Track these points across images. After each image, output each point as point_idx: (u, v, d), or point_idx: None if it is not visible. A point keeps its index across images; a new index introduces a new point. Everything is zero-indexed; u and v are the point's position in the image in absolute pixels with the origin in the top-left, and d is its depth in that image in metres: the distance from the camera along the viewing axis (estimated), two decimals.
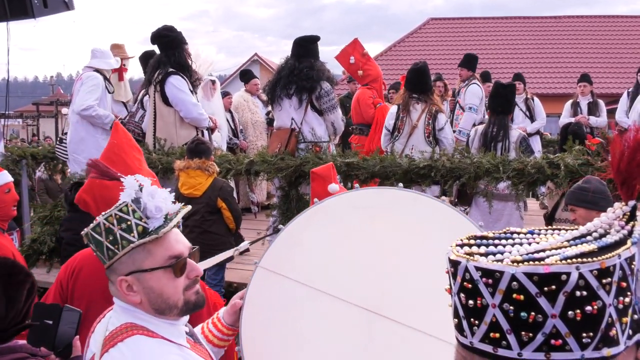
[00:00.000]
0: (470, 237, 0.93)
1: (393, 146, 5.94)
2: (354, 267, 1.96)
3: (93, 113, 6.14)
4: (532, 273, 0.78)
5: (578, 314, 0.78)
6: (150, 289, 1.59)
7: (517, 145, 5.15)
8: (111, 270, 1.61)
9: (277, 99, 5.71)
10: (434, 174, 4.64)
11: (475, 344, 0.85)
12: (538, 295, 0.78)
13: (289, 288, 1.94)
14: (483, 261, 0.82)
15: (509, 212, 5.15)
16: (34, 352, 2.08)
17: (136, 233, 1.56)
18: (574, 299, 0.77)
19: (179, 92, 5.85)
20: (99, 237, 1.59)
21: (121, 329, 1.57)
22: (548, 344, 0.79)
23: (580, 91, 9.02)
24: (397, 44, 24.86)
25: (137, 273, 1.58)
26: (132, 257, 1.57)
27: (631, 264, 0.80)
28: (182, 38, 6.10)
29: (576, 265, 0.77)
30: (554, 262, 0.78)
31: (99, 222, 1.59)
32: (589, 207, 3.77)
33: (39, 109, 27.08)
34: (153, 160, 5.54)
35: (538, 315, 0.79)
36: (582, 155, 4.32)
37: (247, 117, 8.52)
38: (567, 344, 0.78)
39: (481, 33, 24.87)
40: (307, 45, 5.74)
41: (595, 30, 24.20)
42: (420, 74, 6.03)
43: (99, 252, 1.60)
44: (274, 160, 5.10)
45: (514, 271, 0.79)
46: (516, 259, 0.81)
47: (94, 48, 6.55)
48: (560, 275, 0.77)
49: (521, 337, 0.80)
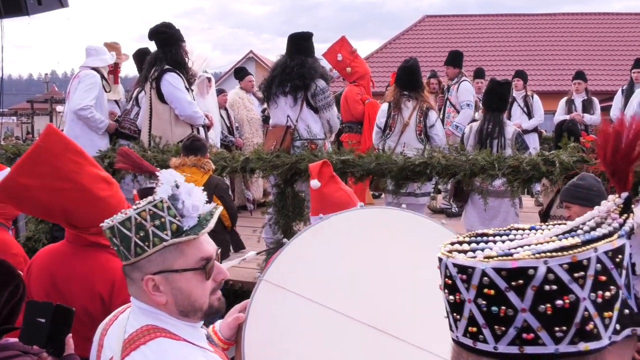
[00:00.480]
0: (470, 235, 0.94)
1: (385, 144, 5.95)
2: (357, 284, 1.97)
3: (89, 115, 6.14)
4: (501, 268, 0.79)
5: (549, 308, 0.78)
6: (179, 290, 1.53)
7: (512, 142, 5.17)
8: (134, 268, 1.54)
9: (272, 97, 5.71)
10: (429, 171, 4.64)
11: (460, 339, 0.87)
12: (507, 289, 0.79)
13: (294, 303, 1.91)
14: (459, 258, 0.84)
15: (505, 209, 5.16)
16: (25, 350, 2.05)
17: (170, 231, 1.50)
18: (544, 293, 0.78)
19: (175, 90, 5.84)
20: (127, 232, 1.51)
21: (142, 331, 1.52)
22: (520, 337, 0.80)
23: (574, 89, 9.06)
24: (393, 42, 24.86)
25: (166, 273, 1.52)
26: (163, 255, 1.51)
27: (615, 257, 0.79)
28: (180, 35, 6.08)
29: (544, 259, 0.77)
30: (522, 257, 0.79)
31: (129, 216, 1.51)
32: (583, 204, 3.80)
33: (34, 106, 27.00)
34: (148, 158, 5.53)
35: (509, 309, 0.79)
36: (576, 152, 4.33)
37: (242, 114, 8.51)
38: (539, 338, 0.79)
39: (476, 30, 24.90)
40: (299, 42, 5.73)
41: (589, 27, 24.27)
42: (411, 71, 6.04)
43: (123, 247, 1.53)
44: (269, 158, 5.10)
45: (484, 267, 0.80)
46: (490, 255, 0.82)
47: (88, 46, 6.52)
48: (528, 270, 0.78)
49: (495, 331, 0.81)
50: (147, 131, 6.06)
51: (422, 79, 6.28)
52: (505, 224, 5.67)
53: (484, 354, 0.84)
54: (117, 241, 1.53)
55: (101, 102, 6.34)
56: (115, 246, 1.55)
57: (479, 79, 9.38)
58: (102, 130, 6.28)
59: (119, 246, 1.53)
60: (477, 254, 0.83)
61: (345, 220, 2.15)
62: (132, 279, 1.56)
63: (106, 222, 1.54)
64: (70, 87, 6.54)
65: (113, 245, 1.56)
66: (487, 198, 4.73)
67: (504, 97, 5.64)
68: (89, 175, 2.47)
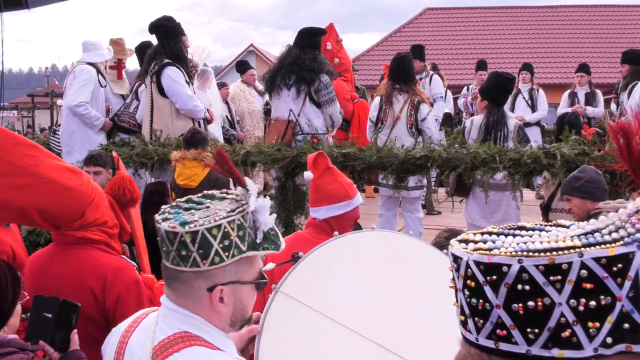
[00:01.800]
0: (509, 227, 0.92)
1: (377, 138, 5.94)
2: (368, 303, 2.00)
3: (84, 112, 6.14)
4: (480, 262, 0.79)
5: (520, 308, 0.77)
6: (240, 301, 1.52)
7: (514, 135, 5.16)
8: (201, 276, 1.46)
9: (276, 88, 5.71)
10: (430, 164, 4.64)
11: (458, 325, 0.89)
12: (484, 283, 0.79)
13: (308, 317, 1.91)
14: (455, 247, 0.85)
15: (506, 202, 5.15)
16: (23, 347, 2.03)
17: (246, 243, 1.49)
18: (516, 292, 0.76)
19: (175, 84, 5.83)
20: (211, 239, 1.42)
21: (175, 338, 1.45)
22: (495, 333, 0.79)
23: (577, 81, 9.03)
24: (393, 35, 24.77)
25: (236, 284, 1.50)
26: (237, 267, 1.49)
27: (613, 265, 0.75)
28: (181, 29, 6.07)
29: (519, 258, 0.76)
30: (499, 253, 0.78)
31: (220, 224, 1.43)
32: (584, 197, 3.80)
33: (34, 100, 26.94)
34: (149, 152, 5.53)
35: (486, 303, 0.79)
36: (578, 145, 4.33)
37: (244, 107, 8.51)
38: (512, 336, 0.78)
39: (478, 23, 24.82)
40: (312, 37, 5.76)
41: (592, 19, 24.17)
42: (403, 64, 6.01)
43: (198, 254, 1.43)
44: (270, 151, 5.10)
45: (467, 258, 0.81)
46: (479, 247, 0.82)
47: (85, 41, 6.51)
48: (502, 267, 0.77)
49: (476, 322, 0.82)
50: (149, 125, 6.05)
51: (414, 72, 6.24)
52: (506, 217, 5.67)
53: (471, 343, 0.85)
54: (193, 246, 1.43)
55: (97, 98, 6.33)
56: (183, 250, 1.44)
57: (481, 71, 9.36)
58: (97, 127, 6.29)
59: (193, 252, 1.43)
60: (469, 246, 0.84)
61: (362, 239, 2.22)
62: (191, 286, 1.48)
63: (188, 227, 1.42)
64: (66, 82, 6.54)
65: (179, 249, 1.44)
66: (488, 191, 4.73)
67: (508, 91, 5.65)
68: (50, 166, 2.37)
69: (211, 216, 1.45)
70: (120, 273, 2.52)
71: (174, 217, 1.47)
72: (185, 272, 1.46)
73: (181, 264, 1.45)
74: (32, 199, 2.30)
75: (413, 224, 5.85)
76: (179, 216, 1.47)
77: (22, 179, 2.28)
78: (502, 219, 5.13)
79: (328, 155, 4.81)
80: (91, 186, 2.51)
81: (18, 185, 2.27)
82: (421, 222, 5.90)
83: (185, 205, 1.55)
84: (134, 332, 1.57)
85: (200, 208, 1.52)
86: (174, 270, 1.47)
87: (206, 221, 1.43)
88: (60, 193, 2.35)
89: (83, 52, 6.45)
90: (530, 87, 8.73)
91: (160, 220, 1.47)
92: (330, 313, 1.91)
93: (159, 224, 1.46)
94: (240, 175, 1.58)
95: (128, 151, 5.64)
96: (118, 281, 2.47)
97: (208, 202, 1.55)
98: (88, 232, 2.50)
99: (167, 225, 1.44)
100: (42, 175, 2.31)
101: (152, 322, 1.54)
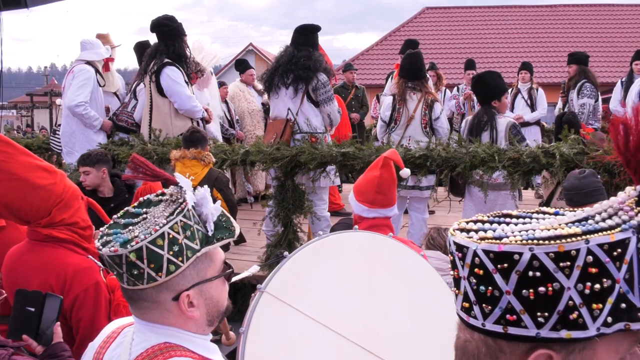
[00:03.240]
0: (494, 215, 0.96)
1: (390, 137, 5.92)
2: (352, 305, 2.03)
3: (83, 112, 6.14)
4: (489, 250, 0.82)
5: (531, 293, 0.80)
6: (210, 299, 1.46)
7: (505, 134, 5.11)
8: (162, 288, 1.39)
9: (274, 87, 5.70)
10: (429, 163, 4.64)
11: (459, 312, 0.91)
12: (494, 271, 0.82)
13: (293, 318, 1.92)
14: (459, 237, 0.88)
15: (502, 201, 5.14)
16: (3, 343, 2.04)
17: (198, 240, 1.41)
18: (527, 278, 0.80)
19: (174, 84, 5.83)
20: (159, 251, 1.35)
21: (154, 351, 1.38)
22: (504, 318, 0.83)
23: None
24: (392, 34, 24.75)
25: (200, 284, 1.43)
26: (196, 267, 1.42)
27: (613, 250, 0.80)
28: (182, 29, 6.08)
29: (530, 246, 0.79)
30: (509, 242, 0.81)
31: (162, 232, 1.34)
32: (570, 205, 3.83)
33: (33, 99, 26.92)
34: (148, 151, 5.53)
35: (495, 290, 0.82)
36: (577, 144, 4.33)
37: (243, 107, 8.50)
38: (522, 321, 0.82)
39: (477, 22, 24.81)
40: (307, 34, 5.73)
41: (590, 18, 24.18)
42: (415, 61, 5.98)
43: (150, 269, 1.35)
44: (269, 151, 5.09)
45: (475, 247, 0.84)
46: (485, 236, 0.85)
47: (83, 40, 6.51)
48: (513, 255, 0.80)
49: (483, 309, 0.85)
50: (147, 124, 6.06)
51: (425, 68, 6.21)
52: None
53: (475, 329, 0.88)
54: (142, 263, 1.35)
55: (96, 97, 6.33)
56: (134, 270, 1.36)
57: (470, 70, 9.37)
58: (96, 128, 6.29)
59: (145, 268, 1.36)
60: (472, 235, 0.86)
61: (346, 240, 2.23)
62: (155, 301, 1.41)
63: (129, 245, 1.34)
64: (65, 82, 6.52)
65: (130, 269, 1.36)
66: (486, 190, 4.73)
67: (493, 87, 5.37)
68: (22, 164, 2.42)
69: (150, 227, 1.36)
70: (82, 274, 2.53)
71: (114, 239, 1.38)
72: (144, 290, 1.39)
73: (137, 283, 1.38)
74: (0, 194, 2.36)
75: (418, 224, 5.84)
76: (118, 236, 1.38)
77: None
78: None
79: (327, 154, 4.85)
80: (64, 186, 2.53)
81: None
82: (426, 223, 5.88)
83: (122, 221, 1.46)
84: (109, 348, 1.51)
85: (138, 221, 1.43)
86: (133, 290, 1.41)
87: (147, 234, 1.35)
88: (28, 190, 2.40)
89: (81, 50, 6.45)
90: (529, 86, 8.74)
91: (100, 247, 1.38)
92: (314, 314, 1.94)
93: (100, 250, 1.37)
94: (165, 174, 1.51)
95: (127, 150, 5.64)
96: (77, 282, 2.49)
97: (144, 210, 1.47)
98: (54, 231, 2.51)
99: (108, 250, 1.35)
100: (12, 172, 2.38)
101: (128, 338, 1.47)
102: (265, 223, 5.41)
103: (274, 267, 2.06)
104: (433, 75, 9.19)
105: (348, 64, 13.19)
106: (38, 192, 2.42)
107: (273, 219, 5.20)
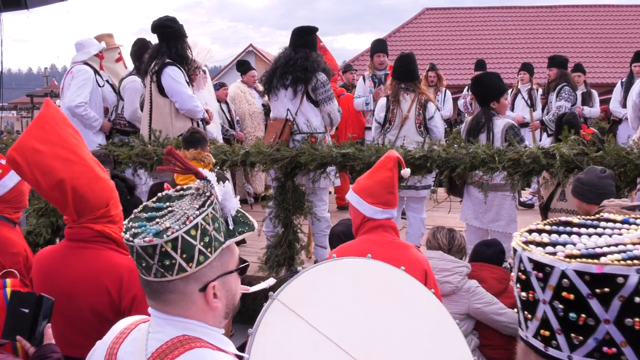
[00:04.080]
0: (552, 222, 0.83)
1: (385, 138, 5.93)
2: (359, 325, 2.08)
3: (83, 112, 6.15)
4: (584, 272, 0.70)
5: (637, 323, 0.68)
6: (230, 291, 1.51)
7: (502, 135, 5.10)
8: (190, 279, 1.42)
9: (273, 89, 5.70)
10: (429, 164, 4.64)
11: (529, 339, 0.79)
12: (590, 296, 0.70)
13: (301, 329, 1.95)
14: (537, 252, 0.75)
15: (498, 202, 5.14)
16: None
17: (223, 233, 1.46)
18: (633, 305, 0.67)
19: (175, 83, 5.83)
20: (192, 241, 1.38)
21: (174, 343, 1.40)
22: (600, 351, 0.71)
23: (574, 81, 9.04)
24: (392, 35, 24.75)
25: (223, 276, 1.48)
26: (221, 259, 1.47)
27: None
28: (184, 31, 6.08)
29: (637, 267, 0.67)
30: (610, 262, 0.69)
31: (196, 223, 1.39)
32: (580, 199, 3.84)
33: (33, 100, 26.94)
34: (148, 152, 5.53)
35: (589, 318, 0.70)
36: (577, 145, 4.33)
37: (244, 108, 8.49)
38: (622, 354, 0.69)
39: (477, 23, 24.82)
40: (304, 36, 5.72)
41: (589, 19, 24.18)
42: (408, 63, 6.01)
43: (182, 259, 1.38)
44: (269, 151, 5.09)
45: (565, 267, 0.71)
46: (573, 254, 0.72)
47: (77, 41, 6.52)
48: (616, 278, 0.68)
49: (571, 339, 0.72)
50: (147, 125, 6.05)
51: (418, 69, 6.24)
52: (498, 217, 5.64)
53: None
54: (176, 253, 1.38)
55: (95, 98, 6.34)
56: (166, 260, 1.38)
57: (479, 71, 9.37)
58: (96, 128, 6.30)
59: (177, 258, 1.38)
60: (558, 250, 0.73)
61: (361, 265, 2.29)
62: (182, 293, 1.44)
63: (165, 235, 1.36)
64: (63, 82, 6.52)
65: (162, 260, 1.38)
66: (486, 191, 4.72)
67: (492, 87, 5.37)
68: (87, 153, 2.56)
69: (183, 218, 1.40)
70: (136, 273, 2.53)
71: (145, 230, 1.40)
72: (173, 281, 1.42)
73: (167, 274, 1.40)
74: (71, 174, 2.42)
75: (416, 224, 5.84)
76: (147, 228, 1.41)
77: (67, 153, 2.44)
78: (494, 219, 5.13)
79: (327, 155, 4.85)
80: (111, 182, 2.63)
81: (63, 158, 2.42)
82: (424, 223, 5.88)
83: (144, 215, 1.48)
84: (123, 344, 1.52)
85: (164, 213, 1.46)
86: (160, 282, 1.42)
87: (181, 224, 1.38)
88: (92, 179, 2.48)
89: (77, 51, 6.48)
90: (529, 87, 8.75)
91: (130, 238, 1.40)
92: (322, 328, 1.97)
93: (131, 241, 1.39)
94: (196, 168, 1.55)
95: (127, 151, 5.64)
96: (134, 281, 2.46)
97: (167, 204, 1.49)
98: (107, 227, 2.51)
99: (141, 241, 1.37)
100: (83, 157, 2.49)
101: (143, 333, 1.49)
102: (266, 224, 5.41)
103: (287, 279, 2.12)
104: (433, 76, 9.20)
105: (348, 64, 13.21)
106: (100, 183, 2.50)
107: (273, 219, 5.20)
